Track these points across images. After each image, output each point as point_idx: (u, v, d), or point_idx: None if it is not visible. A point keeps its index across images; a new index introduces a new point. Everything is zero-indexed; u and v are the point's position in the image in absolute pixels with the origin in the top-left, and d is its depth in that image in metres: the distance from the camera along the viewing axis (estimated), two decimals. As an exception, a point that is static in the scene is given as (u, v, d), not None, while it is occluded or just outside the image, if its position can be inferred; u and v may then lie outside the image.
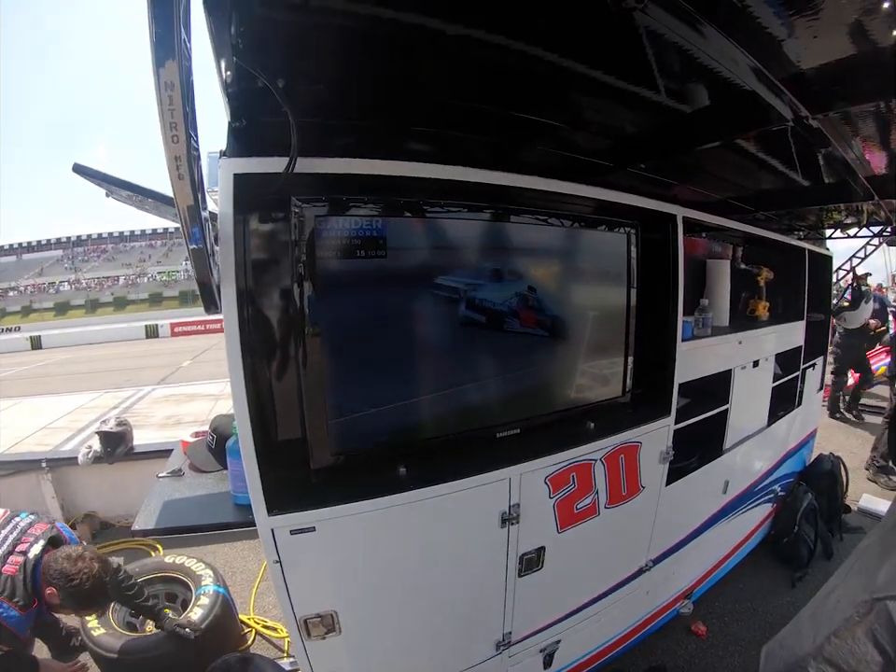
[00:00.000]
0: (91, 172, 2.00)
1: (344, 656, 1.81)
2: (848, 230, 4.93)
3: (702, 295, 2.93)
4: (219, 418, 2.60)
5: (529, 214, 1.91)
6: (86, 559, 2.17)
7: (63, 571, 2.12)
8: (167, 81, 0.92)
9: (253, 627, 3.14)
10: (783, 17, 1.12)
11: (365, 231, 1.53)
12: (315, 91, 1.39)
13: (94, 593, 2.17)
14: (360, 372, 1.65)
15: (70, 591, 2.11)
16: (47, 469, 4.21)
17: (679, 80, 1.54)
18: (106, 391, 11.67)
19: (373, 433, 1.71)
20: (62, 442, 7.34)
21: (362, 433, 1.68)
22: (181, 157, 1.01)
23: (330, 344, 1.54)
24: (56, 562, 2.15)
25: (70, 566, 2.13)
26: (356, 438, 1.67)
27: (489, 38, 1.24)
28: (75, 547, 2.26)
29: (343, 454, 1.64)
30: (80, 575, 2.12)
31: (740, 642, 2.96)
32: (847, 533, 4.01)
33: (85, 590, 2.12)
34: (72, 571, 2.12)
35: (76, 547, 2.26)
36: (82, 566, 2.14)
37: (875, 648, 1.18)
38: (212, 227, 1.33)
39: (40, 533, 2.30)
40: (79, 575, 2.12)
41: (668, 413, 2.37)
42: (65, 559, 2.15)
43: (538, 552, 2.06)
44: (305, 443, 1.57)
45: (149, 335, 29.30)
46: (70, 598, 2.13)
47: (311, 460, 1.58)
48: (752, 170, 2.48)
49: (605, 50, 1.35)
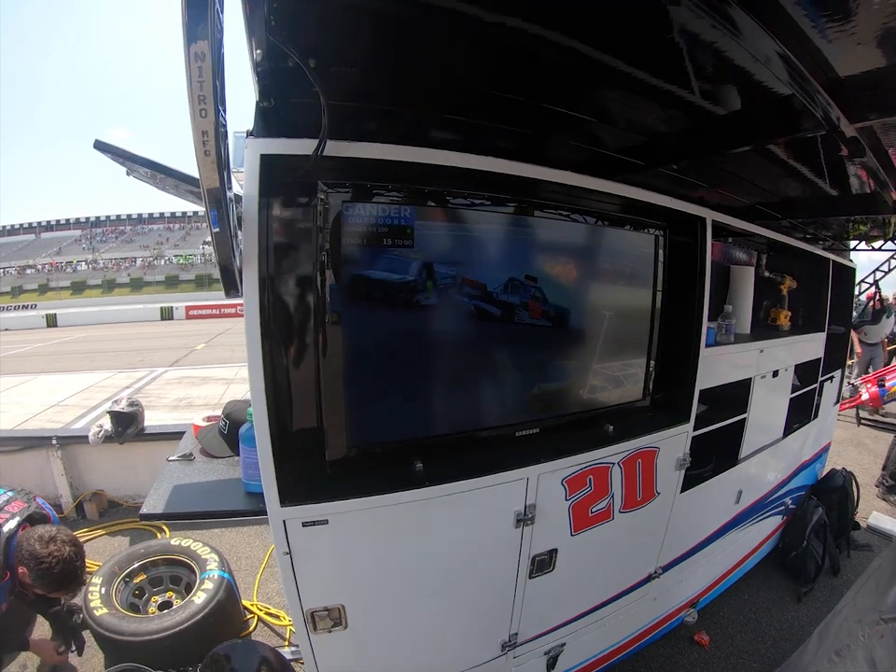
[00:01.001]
0: (112, 149, 1.98)
1: (349, 650, 1.79)
2: (873, 242, 4.85)
3: (724, 301, 2.88)
4: (233, 403, 2.58)
5: (558, 209, 1.87)
6: (57, 542, 2.15)
7: (33, 552, 2.10)
8: (198, 52, 0.89)
9: (256, 614, 3.15)
10: (819, 22, 1.08)
11: (392, 219, 1.50)
12: (347, 74, 1.37)
13: (64, 576, 2.15)
14: (380, 365, 1.62)
15: (39, 573, 2.10)
16: (57, 447, 4.22)
17: (714, 81, 1.51)
18: (119, 371, 11.81)
19: (391, 427, 1.68)
20: (73, 420, 7.41)
21: (380, 426, 1.66)
22: (209, 132, 0.99)
23: (351, 334, 1.51)
24: (28, 542, 2.13)
25: (41, 548, 2.11)
26: (373, 431, 1.65)
27: (525, 27, 1.21)
28: (49, 528, 2.23)
29: (360, 446, 1.61)
30: (50, 558, 2.10)
31: (742, 654, 2.93)
32: (856, 550, 3.95)
33: (55, 573, 2.10)
34: (42, 553, 2.10)
35: (49, 528, 2.23)
36: (53, 548, 2.12)
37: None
38: (236, 209, 1.30)
39: (17, 510, 2.29)
40: (49, 558, 2.10)
41: (688, 420, 2.33)
42: (37, 540, 2.13)
43: (550, 553, 2.03)
44: (322, 434, 1.55)
45: (164, 317, 29.61)
46: (39, 580, 2.12)
47: (326, 452, 1.56)
48: (781, 176, 2.44)
49: (640, 46, 1.33)
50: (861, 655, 1.28)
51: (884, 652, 1.21)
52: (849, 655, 1.33)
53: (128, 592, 2.81)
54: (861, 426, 6.90)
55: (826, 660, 1.44)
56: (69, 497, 4.31)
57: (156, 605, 2.88)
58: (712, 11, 1.02)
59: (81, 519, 4.27)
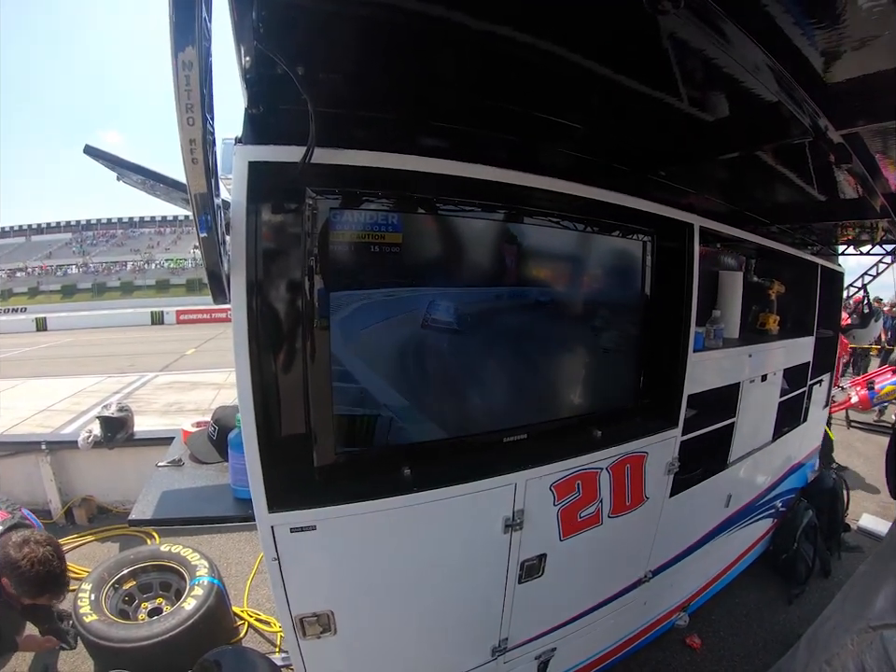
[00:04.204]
0: (102, 154, 1.98)
1: (339, 656, 1.79)
2: (861, 247, 4.90)
3: (713, 306, 2.90)
4: (222, 409, 2.57)
5: (545, 216, 1.88)
6: (30, 544, 2.13)
7: (8, 558, 2.09)
8: (185, 61, 0.90)
9: (246, 620, 3.13)
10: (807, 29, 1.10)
11: (379, 225, 1.50)
12: (335, 81, 1.38)
13: (43, 578, 2.13)
14: (368, 370, 1.62)
15: (18, 579, 2.08)
16: (46, 452, 4.19)
17: (702, 88, 1.53)
18: (109, 376, 11.70)
19: (379, 433, 1.68)
20: (62, 425, 7.34)
21: (368, 432, 1.66)
22: (196, 140, 0.99)
23: (339, 340, 1.51)
24: (3, 550, 2.12)
25: (15, 552, 2.10)
26: (361, 437, 1.65)
27: (514, 35, 1.22)
28: (22, 532, 2.21)
29: (348, 452, 1.61)
30: (24, 561, 2.08)
31: (734, 657, 2.95)
32: (846, 552, 3.98)
33: (32, 576, 2.08)
34: (16, 558, 2.08)
35: (23, 532, 2.22)
36: (27, 551, 2.10)
37: None
38: (224, 215, 1.30)
39: (0, 521, 2.28)
40: (23, 561, 2.08)
41: (676, 425, 2.35)
42: (11, 546, 2.12)
43: (539, 559, 2.04)
44: (310, 440, 1.54)
45: (155, 322, 29.36)
46: (20, 586, 2.10)
47: (314, 457, 1.55)
48: (769, 182, 2.46)
49: (629, 54, 1.35)
50: (851, 664, 1.29)
51: (874, 660, 1.22)
52: (839, 664, 1.34)
53: (117, 598, 2.78)
54: (850, 428, 6.96)
55: (817, 669, 1.44)
56: (58, 502, 4.26)
57: (146, 611, 2.85)
58: (701, 22, 1.04)
59: (71, 525, 4.23)
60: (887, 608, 1.29)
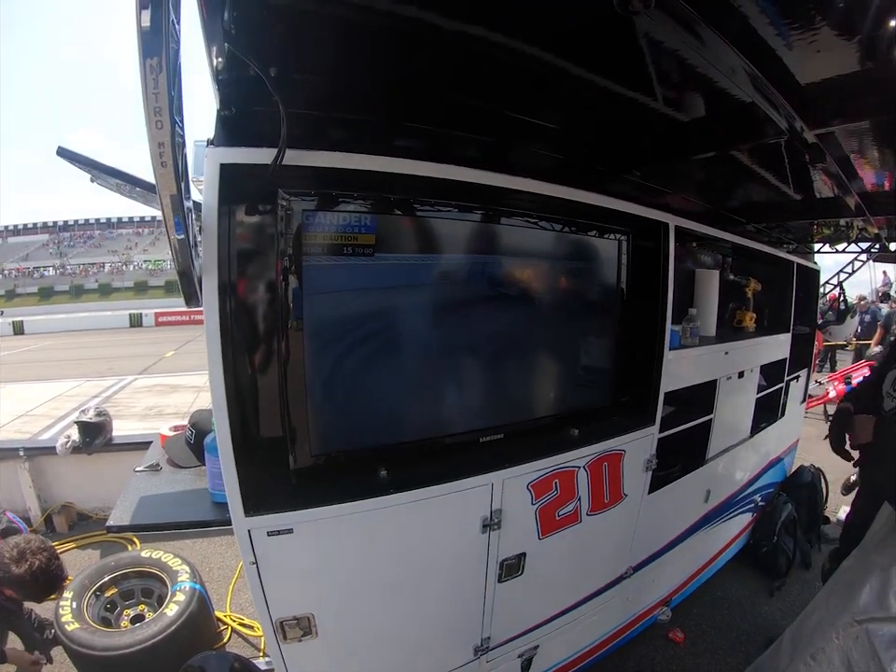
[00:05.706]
0: (75, 156, 1.96)
1: (321, 659, 1.78)
2: (837, 245, 4.98)
3: (689, 304, 2.93)
4: (199, 413, 2.55)
5: (521, 216, 1.89)
6: (27, 556, 2.15)
7: (10, 576, 2.10)
8: (153, 64, 0.89)
9: (229, 625, 3.10)
10: (783, 30, 1.11)
11: (353, 227, 1.50)
12: (307, 82, 1.37)
13: (48, 583, 2.16)
14: (343, 372, 1.62)
15: (25, 593, 2.10)
16: (24, 458, 4.12)
17: (677, 89, 1.54)
18: (88, 379, 11.54)
19: (355, 434, 1.68)
20: (41, 431, 7.23)
21: (344, 434, 1.66)
22: (165, 143, 0.98)
23: (313, 342, 1.51)
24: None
25: (17, 569, 2.11)
26: (337, 439, 1.64)
27: (486, 35, 1.22)
28: (16, 541, 2.22)
29: (324, 455, 1.60)
30: (27, 576, 2.10)
31: (717, 650, 2.98)
32: (826, 544, 4.03)
33: (39, 584, 2.11)
34: (19, 573, 2.10)
35: (17, 541, 2.22)
36: (26, 567, 2.12)
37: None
38: (195, 217, 1.29)
39: None
40: (27, 576, 2.10)
41: (653, 422, 2.37)
42: (10, 561, 2.12)
43: (518, 558, 2.04)
44: (285, 443, 1.53)
45: (133, 324, 28.85)
46: (26, 595, 2.10)
47: (290, 460, 1.55)
48: (745, 181, 2.49)
49: (603, 54, 1.35)
50: (836, 658, 1.31)
51: (859, 654, 1.24)
52: (825, 658, 1.36)
53: (99, 606, 2.75)
54: (828, 422, 7.05)
55: (802, 664, 1.46)
56: (38, 510, 4.20)
57: (128, 618, 2.81)
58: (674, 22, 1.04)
59: (50, 532, 4.15)
60: (871, 601, 1.32)
